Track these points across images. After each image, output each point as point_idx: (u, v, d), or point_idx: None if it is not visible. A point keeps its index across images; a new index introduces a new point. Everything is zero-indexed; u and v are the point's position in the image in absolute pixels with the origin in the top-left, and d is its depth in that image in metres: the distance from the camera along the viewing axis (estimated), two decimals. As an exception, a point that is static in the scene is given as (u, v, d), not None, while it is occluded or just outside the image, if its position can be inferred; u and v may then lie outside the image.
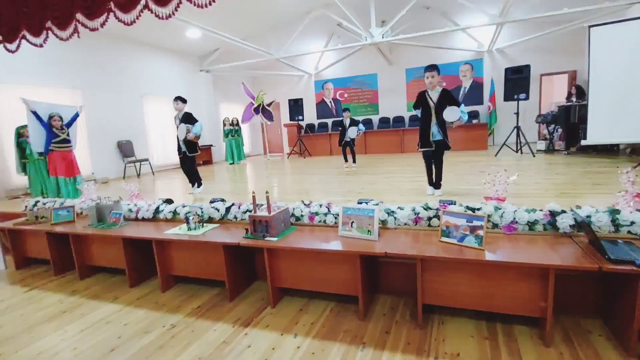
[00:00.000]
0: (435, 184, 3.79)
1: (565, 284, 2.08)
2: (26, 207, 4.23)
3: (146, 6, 3.03)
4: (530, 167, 5.16)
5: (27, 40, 3.78)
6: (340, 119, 6.34)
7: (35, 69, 6.45)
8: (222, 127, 10.15)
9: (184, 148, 5.01)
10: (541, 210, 2.23)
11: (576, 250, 1.93)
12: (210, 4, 2.84)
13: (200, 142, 10.54)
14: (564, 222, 2.12)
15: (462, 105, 3.53)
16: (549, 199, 3.14)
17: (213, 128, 10.91)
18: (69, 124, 5.09)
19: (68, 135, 5.02)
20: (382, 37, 7.86)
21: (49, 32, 3.61)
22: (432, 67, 3.50)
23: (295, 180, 5.80)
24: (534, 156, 6.31)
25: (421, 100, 3.64)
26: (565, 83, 9.13)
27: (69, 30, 3.46)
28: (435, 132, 3.58)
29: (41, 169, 5.67)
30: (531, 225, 2.22)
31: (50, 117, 4.86)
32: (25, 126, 5.60)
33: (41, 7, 3.52)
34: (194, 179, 5.13)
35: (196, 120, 4.95)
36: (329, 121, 11.75)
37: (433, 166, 3.74)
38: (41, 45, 3.72)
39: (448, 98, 3.51)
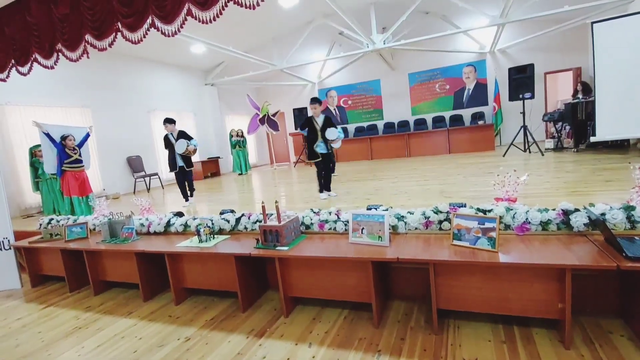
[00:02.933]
0: (327, 187, 4.67)
1: (583, 284, 2.03)
2: (40, 225, 4.30)
3: (152, 24, 3.12)
4: (540, 167, 5.10)
5: (39, 63, 3.91)
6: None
7: (45, 90, 6.62)
8: (228, 139, 10.26)
9: (181, 163, 5.42)
10: (554, 209, 2.21)
11: (592, 249, 1.90)
12: (214, 20, 2.91)
13: (208, 155, 10.70)
14: (578, 221, 2.09)
15: (339, 127, 4.78)
16: (561, 198, 3.09)
17: (219, 140, 11.04)
18: (81, 145, 5.21)
19: (80, 155, 5.13)
20: (384, 43, 7.92)
21: (59, 53, 3.73)
22: (315, 100, 4.52)
23: (303, 189, 5.82)
24: (543, 155, 6.24)
25: (308, 124, 4.60)
26: (571, 80, 9.06)
27: (78, 51, 3.58)
28: (322, 147, 4.56)
29: (53, 188, 5.80)
30: (544, 225, 2.19)
31: (65, 138, 4.98)
32: (38, 146, 5.75)
33: (51, 30, 3.63)
34: (191, 191, 5.59)
35: (191, 137, 5.48)
36: (334, 128, 11.79)
37: (323, 173, 4.64)
38: (52, 67, 3.84)
39: (329, 122, 4.58)
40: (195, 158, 10.09)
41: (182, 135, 5.40)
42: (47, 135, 4.89)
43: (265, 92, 12.59)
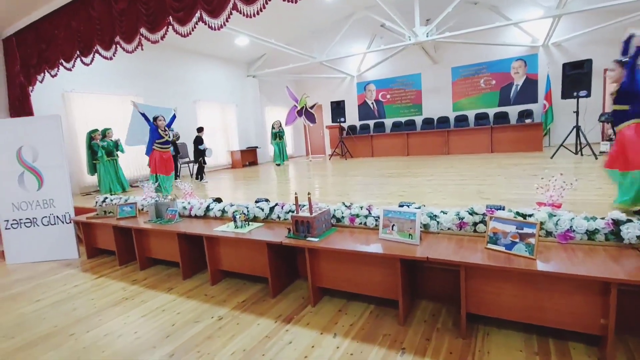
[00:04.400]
0: None
1: (630, 301, 1.90)
2: (96, 202, 4.73)
3: (200, 18, 3.27)
4: (591, 171, 4.73)
5: (100, 54, 4.25)
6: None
7: (103, 79, 7.18)
8: (270, 130, 10.51)
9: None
10: (603, 218, 2.06)
11: (644, 264, 1.76)
12: (257, 14, 2.99)
13: (247, 144, 11.07)
14: (630, 232, 1.94)
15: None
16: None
17: (259, 131, 11.34)
18: (169, 125, 5.43)
19: (170, 137, 5.44)
20: (427, 36, 7.65)
21: (118, 45, 4.03)
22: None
23: (337, 182, 5.85)
24: (597, 158, 5.75)
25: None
26: (637, 78, 8.22)
27: (134, 43, 3.85)
28: None
29: (109, 170, 6.31)
30: (590, 234, 2.05)
31: (156, 118, 5.18)
32: (95, 130, 6.28)
33: (111, 24, 3.93)
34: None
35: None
36: (371, 123, 11.67)
37: None
38: (111, 58, 4.16)
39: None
40: (234, 147, 10.56)
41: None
42: (144, 115, 5.14)
43: (304, 84, 12.69)
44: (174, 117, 5.56)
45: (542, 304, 1.88)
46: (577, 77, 6.03)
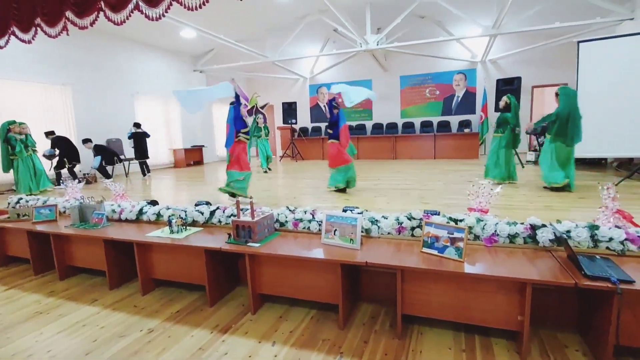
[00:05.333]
0: None
1: (545, 298, 2.09)
2: (9, 204, 4.15)
3: (136, 7, 3.02)
4: (519, 178, 5.21)
5: (16, 37, 3.74)
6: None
7: (22, 65, 6.35)
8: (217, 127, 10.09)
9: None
10: (522, 223, 2.25)
11: (554, 265, 1.95)
12: (200, 7, 2.83)
13: (192, 143, 10.52)
14: (544, 237, 2.14)
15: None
16: (534, 211, 3.17)
17: (206, 128, 10.86)
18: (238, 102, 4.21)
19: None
20: (377, 44, 7.91)
21: (38, 28, 3.57)
22: None
23: (286, 184, 5.79)
24: (523, 167, 6.38)
25: None
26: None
27: (58, 28, 3.44)
28: None
29: (29, 166, 5.58)
30: (512, 238, 2.23)
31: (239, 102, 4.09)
32: (13, 122, 5.53)
33: (31, 4, 3.48)
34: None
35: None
36: (323, 125, 11.77)
37: None
38: (30, 42, 3.68)
39: None
40: (177, 145, 9.98)
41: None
42: (237, 97, 4.15)
43: (256, 83, 12.43)
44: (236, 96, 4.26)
45: (469, 303, 2.00)
46: (508, 92, 6.62)
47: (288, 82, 12.09)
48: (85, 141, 6.92)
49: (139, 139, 7.53)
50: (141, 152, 7.60)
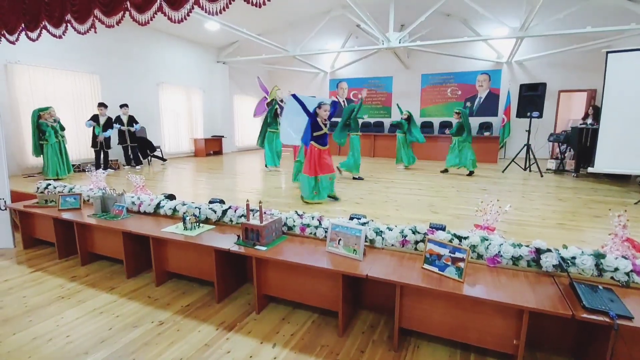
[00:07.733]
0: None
1: (543, 322, 2.09)
2: (38, 189, 4.41)
3: (160, 8, 3.11)
4: (535, 189, 5.10)
5: (48, 31, 3.92)
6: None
7: (54, 52, 6.61)
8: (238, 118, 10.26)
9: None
10: (527, 245, 2.24)
11: (555, 293, 1.95)
12: (221, 12, 2.89)
13: (212, 133, 10.73)
14: (548, 262, 2.13)
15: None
16: (546, 229, 3.12)
17: (226, 118, 11.04)
18: (330, 117, 4.17)
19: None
20: (399, 42, 7.79)
21: (69, 24, 3.73)
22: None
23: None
24: (542, 176, 6.21)
25: None
26: (584, 101, 8.92)
27: (86, 25, 3.58)
28: None
29: (57, 151, 5.88)
30: (515, 260, 2.23)
31: (320, 106, 4.01)
32: (45, 109, 5.81)
33: (61, 1, 3.63)
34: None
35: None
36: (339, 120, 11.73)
37: None
38: (60, 37, 3.85)
39: None
40: (198, 134, 10.21)
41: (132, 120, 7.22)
42: (302, 104, 4.07)
43: (277, 76, 12.48)
44: (335, 105, 4.19)
45: (466, 322, 2.03)
46: (531, 99, 6.43)
47: (309, 75, 12.08)
48: (122, 106, 7.28)
49: (142, 141, 7.86)
50: (150, 147, 8.02)
